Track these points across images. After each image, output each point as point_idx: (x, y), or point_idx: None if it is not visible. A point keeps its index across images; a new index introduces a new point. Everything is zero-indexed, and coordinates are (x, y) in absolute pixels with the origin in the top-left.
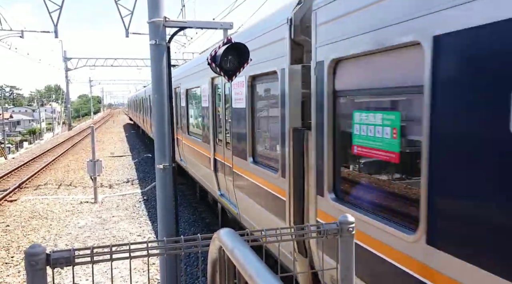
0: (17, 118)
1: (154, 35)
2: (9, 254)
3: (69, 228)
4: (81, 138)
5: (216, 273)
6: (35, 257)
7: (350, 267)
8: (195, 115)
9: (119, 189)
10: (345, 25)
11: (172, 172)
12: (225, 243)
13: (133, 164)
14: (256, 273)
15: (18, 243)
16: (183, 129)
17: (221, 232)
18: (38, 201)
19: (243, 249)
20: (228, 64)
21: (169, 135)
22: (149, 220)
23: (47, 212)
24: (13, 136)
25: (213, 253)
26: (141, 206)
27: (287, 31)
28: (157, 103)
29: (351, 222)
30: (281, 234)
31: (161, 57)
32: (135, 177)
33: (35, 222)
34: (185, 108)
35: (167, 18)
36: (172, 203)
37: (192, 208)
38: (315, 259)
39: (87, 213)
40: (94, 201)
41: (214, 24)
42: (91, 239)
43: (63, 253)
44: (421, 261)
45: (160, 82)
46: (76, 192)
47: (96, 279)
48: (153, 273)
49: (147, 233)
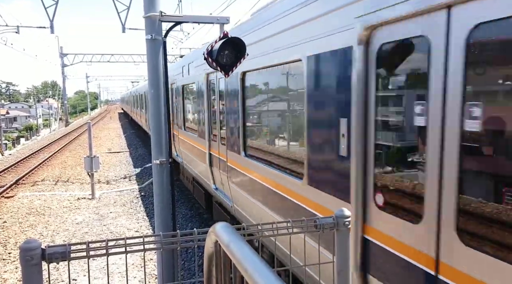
0: (14, 114)
1: (150, 30)
2: (7, 250)
3: (66, 224)
4: (78, 134)
5: (212, 267)
6: (30, 252)
7: (346, 260)
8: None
9: (117, 185)
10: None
11: (169, 168)
12: (221, 237)
13: (130, 160)
14: (252, 267)
15: (15, 239)
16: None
17: (217, 226)
18: (36, 197)
19: (239, 243)
20: (225, 59)
21: (166, 130)
22: (147, 216)
23: (45, 208)
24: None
25: (209, 247)
26: (138, 202)
27: None
28: (153, 98)
29: (347, 216)
30: (277, 228)
31: (157, 52)
32: (133, 173)
33: (32, 218)
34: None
35: (163, 13)
36: (169, 198)
37: (190, 203)
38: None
39: (85, 209)
40: (92, 197)
41: (210, 18)
42: (88, 235)
43: (58, 248)
44: (304, 195)
45: (157, 77)
46: (74, 188)
47: (94, 274)
48: (151, 269)
49: (144, 229)
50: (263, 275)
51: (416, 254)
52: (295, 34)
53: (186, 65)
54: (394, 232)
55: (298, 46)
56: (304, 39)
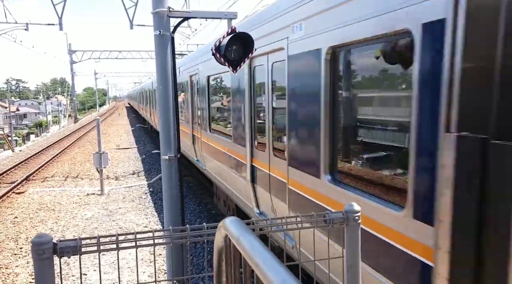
0: (24, 111)
1: (158, 26)
2: (18, 245)
3: (76, 219)
4: (87, 130)
5: (222, 262)
6: (42, 246)
7: (356, 255)
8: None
9: (125, 181)
10: None
11: (177, 163)
12: (231, 231)
13: (138, 156)
14: (262, 261)
15: (26, 234)
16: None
17: (227, 221)
18: (46, 193)
19: (249, 237)
20: (233, 54)
21: (174, 125)
22: (155, 212)
23: (55, 204)
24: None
25: (219, 242)
26: (147, 197)
27: None
28: (162, 94)
29: (357, 210)
30: (286, 223)
31: (165, 47)
32: (141, 169)
33: (42, 213)
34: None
35: (171, 9)
36: (178, 194)
37: (198, 199)
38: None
39: (94, 205)
40: (101, 193)
41: (218, 14)
42: (98, 230)
43: (69, 242)
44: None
45: (165, 73)
46: (83, 184)
47: (103, 269)
48: (160, 264)
49: (153, 224)
50: (274, 270)
51: (265, 166)
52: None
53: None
54: (260, 158)
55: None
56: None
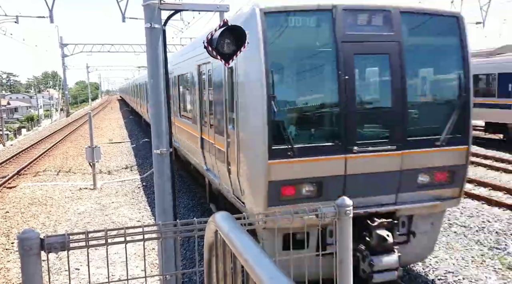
0: (15, 105)
1: (149, 18)
2: (9, 240)
3: (68, 214)
4: (79, 124)
5: (212, 257)
6: (29, 242)
7: (348, 249)
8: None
9: (118, 175)
10: None
11: (169, 157)
12: (221, 227)
13: (131, 150)
14: (252, 257)
15: (18, 229)
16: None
17: (217, 216)
18: (37, 188)
19: (238, 233)
20: (225, 47)
21: (166, 119)
22: (149, 206)
23: (47, 199)
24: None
25: (209, 237)
26: (140, 192)
27: None
28: (153, 88)
29: (349, 205)
30: (278, 218)
31: (156, 41)
32: (134, 163)
33: (34, 208)
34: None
35: (163, 1)
36: (170, 188)
37: (191, 193)
38: None
39: (87, 199)
40: (93, 187)
41: (210, 6)
42: (90, 225)
43: (57, 238)
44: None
45: (156, 66)
46: (75, 178)
47: (97, 264)
48: (153, 258)
49: (146, 219)
50: (264, 266)
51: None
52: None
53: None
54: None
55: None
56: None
